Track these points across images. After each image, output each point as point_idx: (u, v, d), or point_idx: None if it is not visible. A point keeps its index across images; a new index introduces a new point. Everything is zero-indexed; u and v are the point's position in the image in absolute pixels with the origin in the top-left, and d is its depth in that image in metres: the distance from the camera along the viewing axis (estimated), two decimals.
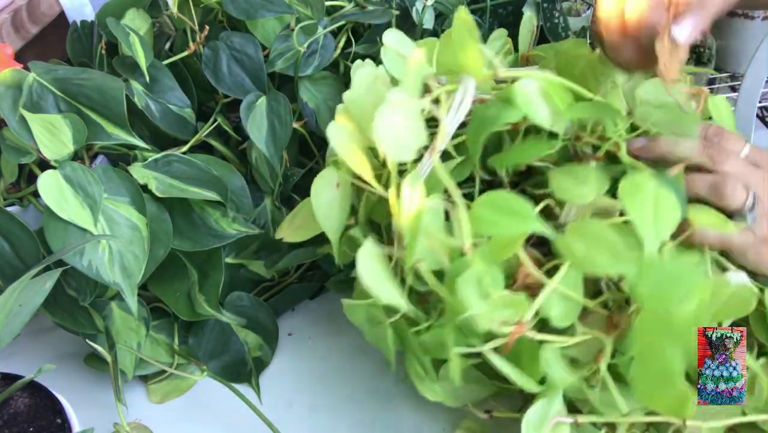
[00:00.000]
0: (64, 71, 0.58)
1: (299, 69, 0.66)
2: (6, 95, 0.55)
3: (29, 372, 0.50)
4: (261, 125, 0.64)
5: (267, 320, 0.65)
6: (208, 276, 0.60)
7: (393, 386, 0.61)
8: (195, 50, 0.66)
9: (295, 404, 0.61)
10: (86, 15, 0.77)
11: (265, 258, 0.67)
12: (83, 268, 0.51)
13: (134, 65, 0.62)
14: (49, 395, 0.51)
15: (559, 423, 0.44)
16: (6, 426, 0.49)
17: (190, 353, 0.62)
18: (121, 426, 0.55)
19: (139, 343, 0.59)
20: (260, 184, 0.68)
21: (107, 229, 0.53)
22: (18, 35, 0.75)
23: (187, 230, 0.58)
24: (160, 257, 0.55)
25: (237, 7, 0.64)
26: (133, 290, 0.53)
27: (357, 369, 0.63)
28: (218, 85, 0.66)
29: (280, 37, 0.67)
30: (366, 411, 0.59)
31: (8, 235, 0.54)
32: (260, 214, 0.67)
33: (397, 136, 0.42)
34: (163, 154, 0.60)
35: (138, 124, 0.63)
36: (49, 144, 0.55)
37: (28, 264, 0.54)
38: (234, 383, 0.60)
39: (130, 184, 0.56)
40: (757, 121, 0.84)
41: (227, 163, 0.63)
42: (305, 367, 0.64)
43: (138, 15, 0.67)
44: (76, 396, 0.53)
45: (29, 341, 0.68)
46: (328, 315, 0.69)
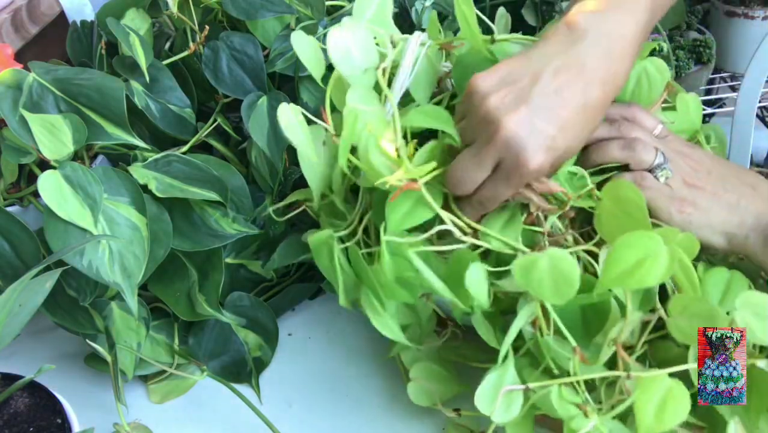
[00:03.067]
0: (64, 71, 0.58)
1: (299, 69, 0.66)
2: (6, 95, 0.55)
3: (29, 372, 0.50)
4: (262, 125, 0.64)
5: (267, 320, 0.65)
6: (208, 276, 0.60)
7: (392, 385, 0.61)
8: (195, 50, 0.66)
9: (295, 404, 0.61)
10: (86, 15, 0.77)
11: (264, 258, 0.67)
12: (83, 268, 0.51)
13: (134, 65, 0.62)
14: (49, 395, 0.51)
15: (511, 391, 0.45)
16: (6, 426, 0.49)
17: (190, 353, 0.62)
18: (121, 426, 0.55)
19: (139, 343, 0.59)
20: (260, 184, 0.68)
21: (107, 229, 0.53)
22: (18, 35, 0.75)
23: (187, 230, 0.58)
24: (160, 257, 0.55)
25: (237, 7, 0.64)
26: (133, 290, 0.53)
27: (356, 369, 0.63)
28: (218, 85, 0.66)
29: (280, 37, 0.67)
30: (366, 411, 0.59)
31: (8, 235, 0.54)
32: (260, 214, 0.67)
33: (347, 50, 0.48)
34: (163, 154, 0.60)
35: (138, 124, 0.63)
36: (49, 144, 0.55)
37: (28, 264, 0.54)
38: (234, 383, 0.60)
39: (130, 184, 0.56)
40: (757, 121, 0.84)
41: (227, 163, 0.63)
42: (305, 367, 0.64)
43: (138, 15, 0.67)
44: (76, 396, 0.53)
45: (29, 341, 0.67)
46: (328, 315, 0.69)
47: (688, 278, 0.44)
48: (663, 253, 0.41)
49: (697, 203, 0.49)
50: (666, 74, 0.54)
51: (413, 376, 0.55)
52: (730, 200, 0.49)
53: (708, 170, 0.50)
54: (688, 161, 0.51)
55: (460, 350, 0.58)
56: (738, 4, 0.89)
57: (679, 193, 0.49)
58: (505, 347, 0.46)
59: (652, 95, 0.54)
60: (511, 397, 0.45)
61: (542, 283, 0.42)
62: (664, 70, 0.54)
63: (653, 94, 0.54)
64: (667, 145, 0.51)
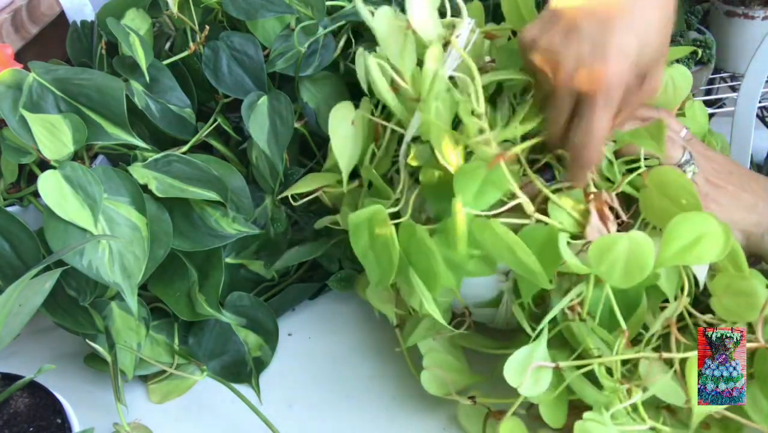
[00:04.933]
0: (64, 71, 0.58)
1: (300, 69, 0.66)
2: (6, 95, 0.55)
3: (29, 372, 0.50)
4: (263, 124, 0.64)
5: (267, 320, 0.65)
6: (208, 276, 0.60)
7: (393, 385, 0.61)
8: (195, 50, 0.66)
9: (295, 404, 0.61)
10: (86, 15, 0.77)
11: (265, 258, 0.67)
12: (83, 268, 0.51)
13: (134, 65, 0.62)
14: (49, 395, 0.51)
15: (540, 367, 0.46)
16: (6, 426, 0.49)
17: (190, 353, 0.62)
18: (121, 426, 0.55)
19: (139, 343, 0.59)
20: (260, 184, 0.68)
21: (107, 229, 0.53)
22: (18, 35, 0.75)
23: (187, 230, 0.58)
24: (160, 257, 0.55)
25: (237, 7, 0.64)
26: (133, 290, 0.53)
27: (357, 369, 0.63)
28: (218, 85, 0.66)
29: (281, 37, 0.67)
30: (366, 411, 0.59)
31: (8, 235, 0.54)
32: (260, 214, 0.67)
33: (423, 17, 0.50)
34: (163, 154, 0.60)
35: (138, 124, 0.63)
36: (49, 144, 0.55)
37: (28, 264, 0.54)
38: (234, 383, 0.60)
39: (130, 184, 0.56)
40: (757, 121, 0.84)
41: (227, 163, 0.63)
42: (305, 367, 0.64)
43: (138, 15, 0.67)
44: (76, 396, 0.53)
45: (29, 341, 0.67)
46: (328, 315, 0.69)
47: (734, 258, 0.46)
48: (719, 231, 0.43)
49: (719, 201, 0.51)
50: (689, 81, 0.57)
51: (427, 365, 0.55)
52: (749, 201, 0.52)
53: (729, 171, 0.53)
54: (711, 163, 0.53)
55: (471, 338, 0.58)
56: (738, 4, 0.89)
57: (703, 189, 0.51)
58: (544, 324, 0.47)
59: (676, 101, 0.57)
60: (540, 373, 0.46)
61: (615, 265, 0.43)
62: (687, 77, 0.57)
63: (677, 100, 0.57)
64: (692, 147, 0.53)
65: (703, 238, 0.43)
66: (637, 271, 0.43)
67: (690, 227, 0.43)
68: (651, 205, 0.48)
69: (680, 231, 0.43)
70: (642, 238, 0.43)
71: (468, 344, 0.58)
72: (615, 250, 0.43)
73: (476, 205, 0.46)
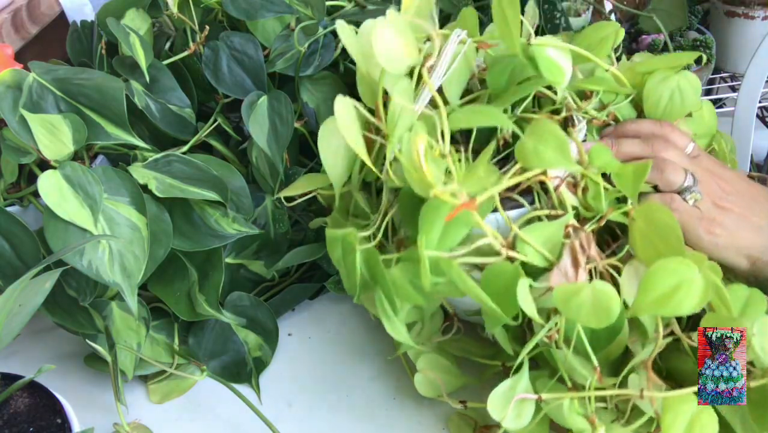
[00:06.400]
0: (64, 71, 0.58)
1: (300, 69, 0.66)
2: (6, 95, 0.55)
3: (29, 372, 0.50)
4: (263, 124, 0.64)
5: (267, 320, 0.65)
6: (208, 276, 0.60)
7: (392, 386, 0.61)
8: (195, 50, 0.66)
9: (295, 404, 0.61)
10: (86, 15, 0.77)
11: (265, 258, 0.67)
12: (83, 268, 0.51)
13: (134, 65, 0.62)
14: (49, 395, 0.51)
15: (523, 400, 0.46)
16: (6, 426, 0.49)
17: (190, 353, 0.62)
18: (121, 426, 0.55)
19: (139, 343, 0.59)
20: (260, 184, 0.68)
21: (107, 229, 0.53)
22: (18, 35, 0.75)
23: (187, 230, 0.58)
24: (160, 257, 0.55)
25: (237, 7, 0.64)
26: (133, 290, 0.53)
27: (356, 369, 0.63)
28: (218, 85, 0.66)
29: (281, 37, 0.67)
30: (365, 411, 0.59)
31: (8, 235, 0.54)
32: (260, 214, 0.67)
33: (389, 48, 0.46)
34: (163, 154, 0.60)
35: (138, 124, 0.63)
36: (49, 144, 0.55)
37: (28, 264, 0.54)
38: (234, 383, 0.60)
39: (130, 184, 0.56)
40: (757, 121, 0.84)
41: (227, 163, 0.63)
42: (305, 367, 0.64)
43: (138, 15, 0.67)
44: (76, 396, 0.53)
45: (29, 341, 0.68)
46: (329, 315, 0.69)
47: (722, 301, 0.44)
48: (698, 280, 0.41)
49: (725, 224, 0.49)
50: (698, 88, 0.55)
51: (420, 367, 0.56)
52: (758, 223, 0.49)
53: (738, 191, 0.50)
54: (719, 181, 0.50)
55: (461, 343, 0.58)
56: (738, 4, 0.89)
57: (708, 213, 0.49)
58: (521, 358, 0.47)
59: (684, 109, 0.55)
60: (523, 405, 0.46)
61: (581, 309, 0.42)
62: (696, 84, 0.54)
63: (685, 108, 0.55)
64: (698, 164, 0.51)
65: (681, 287, 0.41)
66: (604, 317, 0.41)
67: (669, 275, 0.41)
68: (638, 240, 0.46)
69: (658, 279, 0.41)
70: (605, 288, 0.42)
71: (457, 352, 0.58)
72: (579, 296, 0.42)
73: (440, 246, 0.44)
